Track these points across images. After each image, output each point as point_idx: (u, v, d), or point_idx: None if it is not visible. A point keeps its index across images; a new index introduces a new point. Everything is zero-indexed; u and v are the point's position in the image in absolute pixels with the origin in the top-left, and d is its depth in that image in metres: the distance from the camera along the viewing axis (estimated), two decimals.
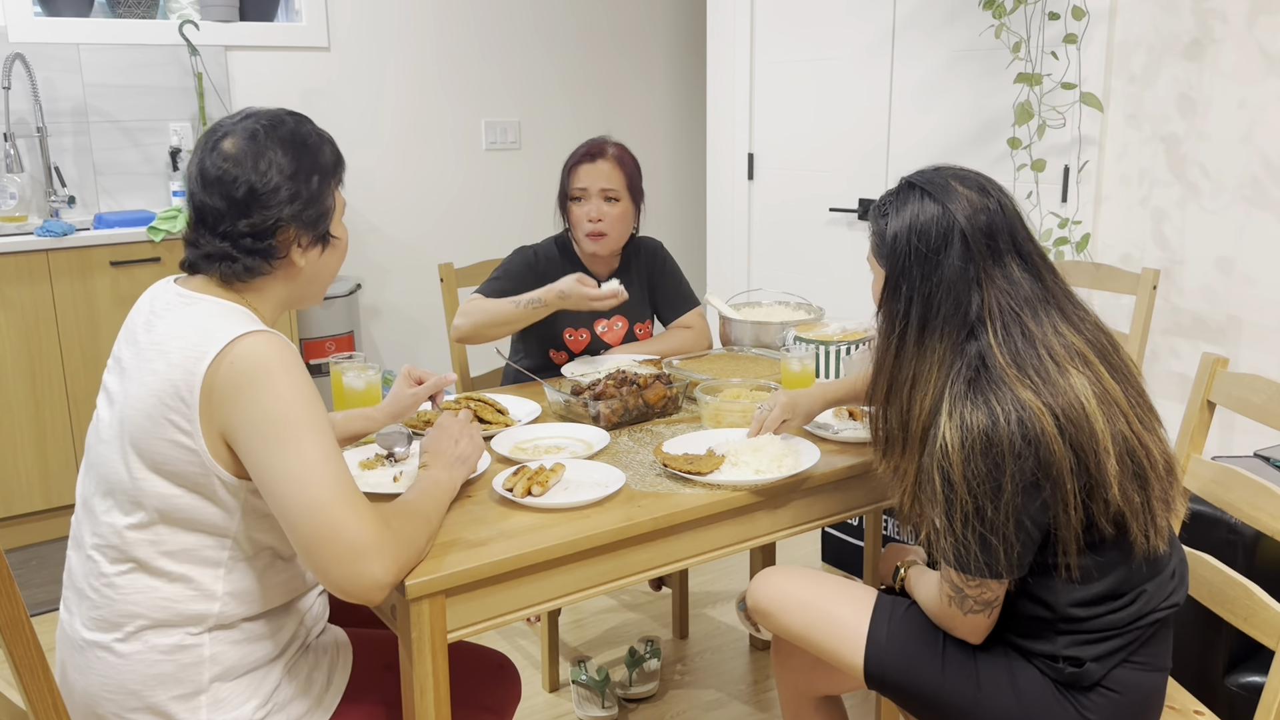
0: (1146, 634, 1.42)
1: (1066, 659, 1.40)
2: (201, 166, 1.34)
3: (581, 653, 2.69)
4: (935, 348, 1.39)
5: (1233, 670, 1.96)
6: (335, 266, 1.46)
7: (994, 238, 1.39)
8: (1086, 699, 1.41)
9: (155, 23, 3.66)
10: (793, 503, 1.72)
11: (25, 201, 3.31)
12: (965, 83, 3.10)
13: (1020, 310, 1.37)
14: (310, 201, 1.36)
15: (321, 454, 1.26)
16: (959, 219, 1.38)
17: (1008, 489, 1.30)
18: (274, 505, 1.26)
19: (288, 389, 1.26)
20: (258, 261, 1.35)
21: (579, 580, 1.50)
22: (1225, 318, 2.61)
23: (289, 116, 1.39)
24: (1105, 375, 1.36)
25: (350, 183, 4.85)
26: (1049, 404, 1.31)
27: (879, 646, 1.51)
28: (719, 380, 2.04)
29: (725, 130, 3.96)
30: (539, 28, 4.48)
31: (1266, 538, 1.87)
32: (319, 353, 3.80)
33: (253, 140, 1.33)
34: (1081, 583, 1.37)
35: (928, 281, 1.39)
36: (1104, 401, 1.34)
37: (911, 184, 1.45)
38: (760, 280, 3.93)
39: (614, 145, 2.40)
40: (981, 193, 1.41)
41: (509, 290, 2.33)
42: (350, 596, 1.26)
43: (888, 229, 1.43)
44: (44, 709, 1.18)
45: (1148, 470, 1.35)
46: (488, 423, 1.90)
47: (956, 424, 1.32)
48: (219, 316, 1.30)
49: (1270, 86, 2.46)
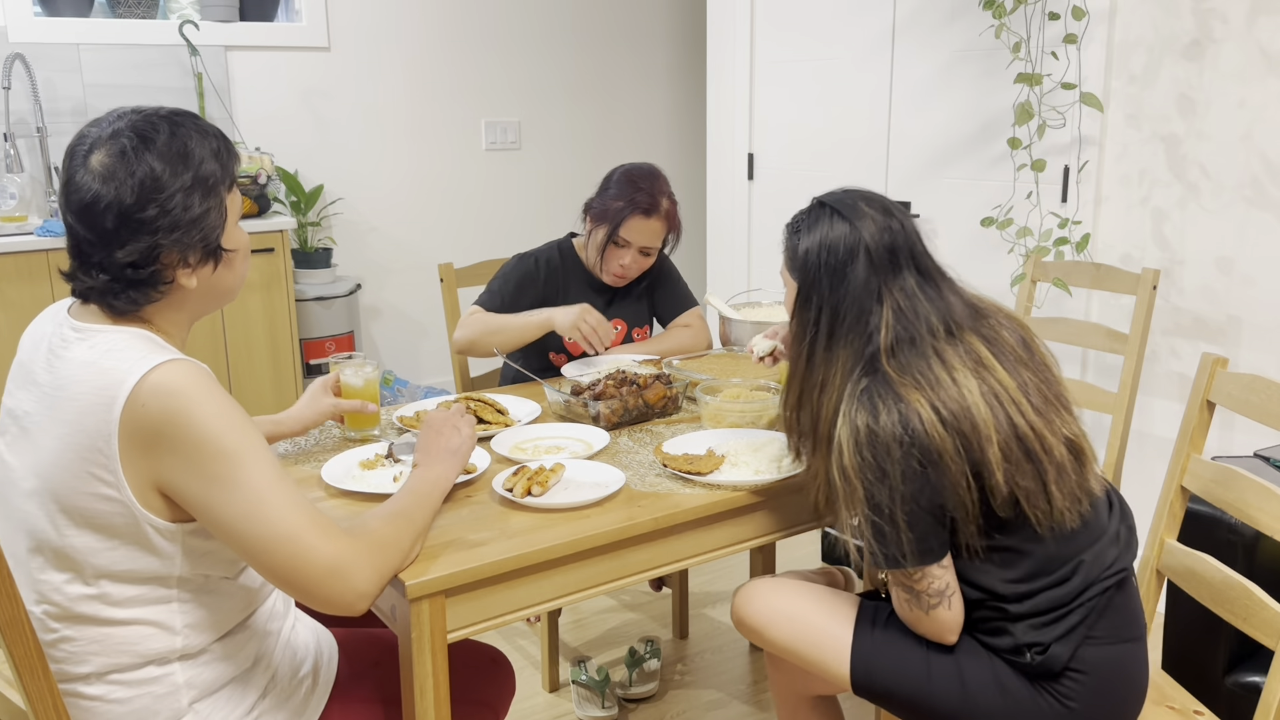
0: (1100, 604, 1.45)
1: (1028, 646, 1.44)
2: (67, 183, 1.22)
3: (581, 653, 2.69)
4: (840, 354, 1.49)
5: (1233, 670, 1.96)
6: (235, 277, 1.34)
7: (895, 254, 1.50)
8: (1061, 687, 1.44)
9: (155, 23, 3.66)
10: (793, 503, 1.72)
11: (25, 201, 3.31)
12: (965, 83, 3.10)
13: (914, 320, 1.47)
14: (191, 224, 1.23)
15: (268, 480, 1.20)
16: (864, 237, 1.49)
17: (894, 476, 1.38)
18: (233, 543, 1.20)
19: (214, 420, 1.17)
20: (143, 291, 1.24)
21: (579, 580, 1.50)
22: (1225, 318, 2.61)
23: (163, 122, 1.25)
24: (998, 370, 1.44)
25: (350, 183, 4.82)
26: (930, 400, 1.39)
27: (863, 656, 1.53)
28: (719, 380, 2.04)
29: (725, 130, 3.96)
30: (539, 27, 4.48)
31: (1266, 538, 1.87)
32: (319, 353, 3.80)
33: (120, 157, 1.20)
34: (1002, 565, 1.44)
35: (835, 293, 1.49)
36: (989, 395, 1.42)
37: (823, 204, 1.55)
38: (760, 280, 3.93)
39: (668, 197, 2.36)
40: (885, 214, 1.52)
41: (509, 300, 2.34)
42: (334, 611, 1.24)
43: (800, 245, 1.54)
44: (44, 709, 1.18)
45: (1040, 455, 1.42)
46: (487, 423, 1.90)
47: (847, 423, 1.42)
48: (121, 350, 1.20)
49: (1270, 86, 2.46)
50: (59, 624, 1.25)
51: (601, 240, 2.35)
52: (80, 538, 1.21)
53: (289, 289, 3.55)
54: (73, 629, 1.25)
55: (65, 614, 1.24)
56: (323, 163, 4.06)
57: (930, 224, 3.28)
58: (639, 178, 2.34)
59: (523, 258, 2.42)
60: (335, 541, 1.23)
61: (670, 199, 2.37)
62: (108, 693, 1.27)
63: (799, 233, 1.55)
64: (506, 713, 1.63)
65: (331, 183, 4.08)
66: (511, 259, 2.44)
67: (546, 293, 2.40)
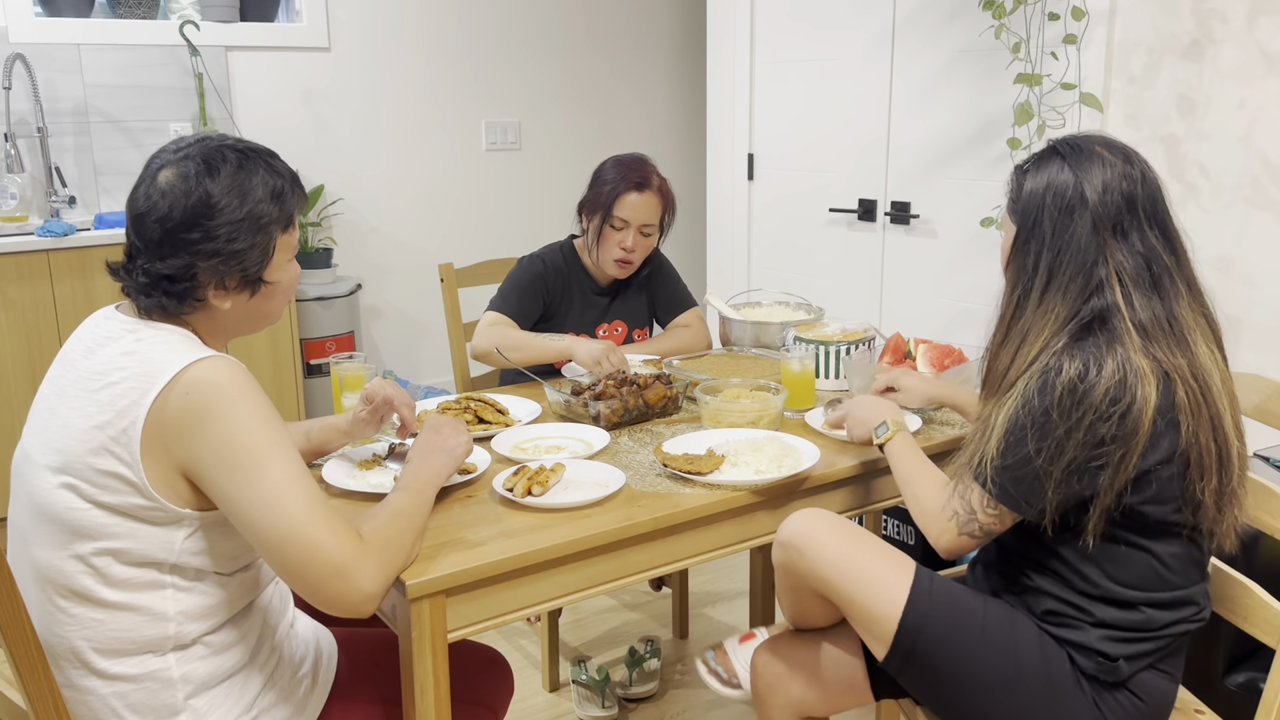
0: (1182, 643, 1.43)
1: (1098, 653, 1.40)
2: (134, 195, 1.31)
3: (581, 653, 2.69)
4: (1055, 305, 1.41)
5: (1233, 670, 1.96)
6: (272, 307, 1.39)
7: (1132, 205, 1.40)
8: (1110, 700, 1.41)
9: (156, 23, 3.67)
10: (793, 503, 1.72)
11: (26, 202, 3.32)
12: (965, 83, 3.10)
13: (1155, 277, 1.39)
14: (231, 255, 1.29)
15: (290, 476, 1.23)
16: (1096, 184, 1.40)
17: (1078, 438, 1.32)
18: (248, 534, 1.24)
19: (246, 414, 1.23)
20: (174, 303, 1.30)
21: (579, 580, 1.50)
22: (1225, 318, 2.60)
23: (233, 154, 1.32)
24: (1221, 362, 1.40)
25: (350, 183, 4.81)
26: (1158, 374, 1.33)
27: (919, 606, 1.44)
28: (719, 380, 2.04)
29: (725, 130, 3.96)
30: (539, 28, 4.49)
31: (1266, 537, 1.87)
32: (319, 353, 3.80)
33: (183, 180, 1.28)
34: (1114, 561, 1.39)
35: (1057, 239, 1.41)
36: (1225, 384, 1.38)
37: (1055, 148, 1.46)
38: (760, 280, 3.93)
39: (658, 175, 2.38)
40: (1127, 161, 1.43)
41: (521, 305, 2.35)
42: (341, 612, 1.25)
43: (1025, 186, 1.46)
44: (45, 709, 1.18)
45: (1232, 465, 1.39)
46: (488, 423, 1.90)
47: (1048, 367, 1.36)
48: (164, 345, 1.26)
49: (1270, 87, 2.46)
50: (58, 599, 1.27)
51: (599, 225, 2.35)
52: (90, 513, 1.24)
53: None
54: (71, 608, 1.26)
55: (65, 590, 1.26)
56: (323, 163, 4.06)
57: (930, 224, 3.28)
58: (627, 161, 2.38)
59: (530, 260, 2.42)
60: (346, 541, 1.25)
61: (661, 178, 2.39)
62: (99, 685, 1.28)
63: (1025, 174, 1.46)
64: (505, 713, 1.63)
65: (332, 183, 4.08)
66: (519, 262, 2.44)
67: (552, 296, 2.40)
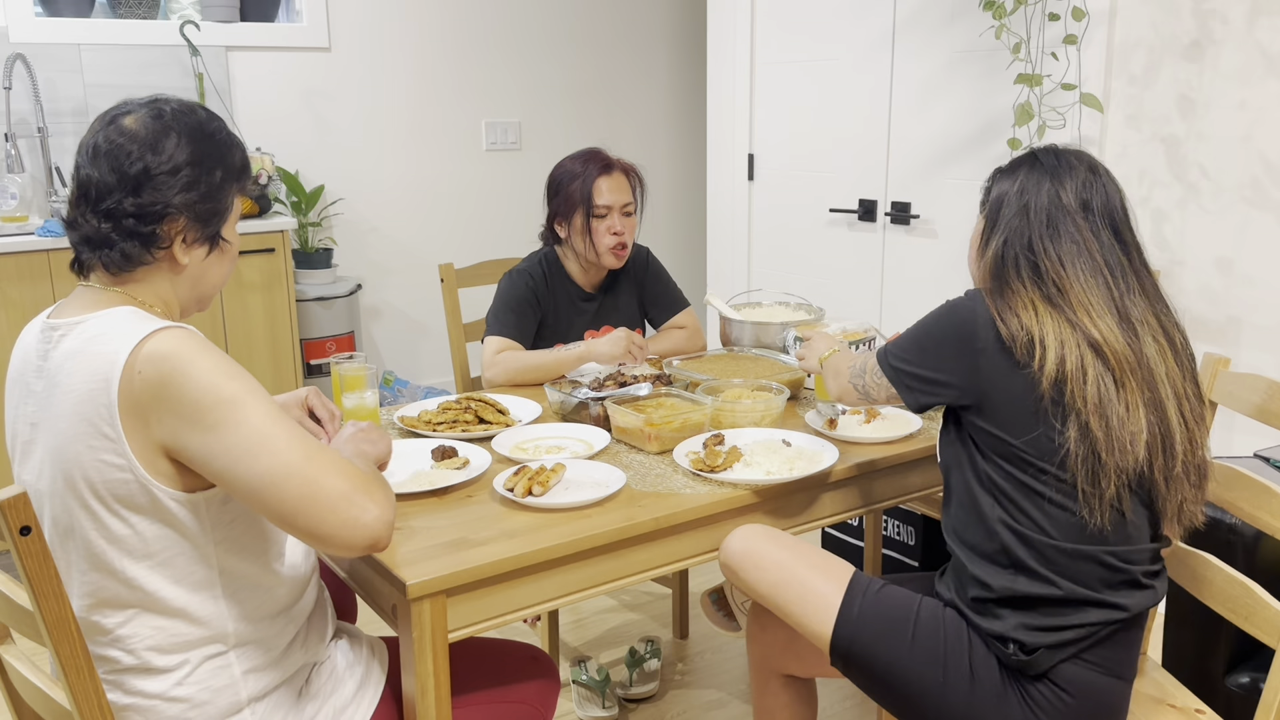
0: (1103, 633, 1.42)
1: (1014, 641, 1.42)
2: (94, 142, 1.25)
3: (581, 653, 2.69)
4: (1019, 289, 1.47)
5: (1233, 669, 1.96)
6: (221, 273, 1.37)
7: (1088, 207, 1.48)
8: (1034, 691, 1.42)
9: (156, 23, 3.67)
10: (793, 503, 1.72)
11: (26, 202, 3.32)
12: (965, 83, 3.10)
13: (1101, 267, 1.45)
14: (208, 195, 1.27)
15: (270, 418, 1.19)
16: (1060, 185, 1.48)
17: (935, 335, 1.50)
18: (244, 491, 1.18)
19: (205, 371, 1.17)
20: (137, 248, 1.25)
21: (579, 580, 1.50)
22: (1225, 318, 2.61)
23: (202, 109, 1.33)
24: (1169, 356, 1.45)
25: (351, 183, 4.81)
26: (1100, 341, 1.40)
27: (849, 620, 1.51)
28: (719, 380, 2.04)
29: (725, 130, 3.96)
30: (540, 28, 4.49)
31: (1266, 537, 1.87)
32: (319, 353, 3.80)
33: (158, 119, 1.26)
34: (1049, 515, 1.42)
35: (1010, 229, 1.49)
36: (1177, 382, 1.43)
37: (1033, 153, 1.55)
38: (760, 280, 3.93)
39: (616, 157, 2.40)
40: (1092, 172, 1.51)
41: (523, 321, 2.33)
42: (355, 547, 1.20)
43: (994, 189, 1.55)
44: (89, 709, 1.16)
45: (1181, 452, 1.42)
46: (488, 423, 1.90)
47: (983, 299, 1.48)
48: (107, 333, 1.20)
49: (1270, 87, 2.46)
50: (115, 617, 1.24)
51: (583, 221, 2.34)
52: (112, 523, 1.21)
53: (290, 289, 3.56)
54: (127, 625, 1.24)
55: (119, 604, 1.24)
56: (323, 163, 4.06)
57: (930, 224, 3.28)
58: (581, 156, 2.40)
59: (516, 275, 2.38)
60: (344, 470, 1.21)
61: (618, 157, 2.40)
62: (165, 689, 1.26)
63: (998, 175, 1.56)
64: (553, 712, 1.59)
65: (332, 183, 4.08)
66: (504, 279, 2.39)
67: (544, 307, 2.39)
